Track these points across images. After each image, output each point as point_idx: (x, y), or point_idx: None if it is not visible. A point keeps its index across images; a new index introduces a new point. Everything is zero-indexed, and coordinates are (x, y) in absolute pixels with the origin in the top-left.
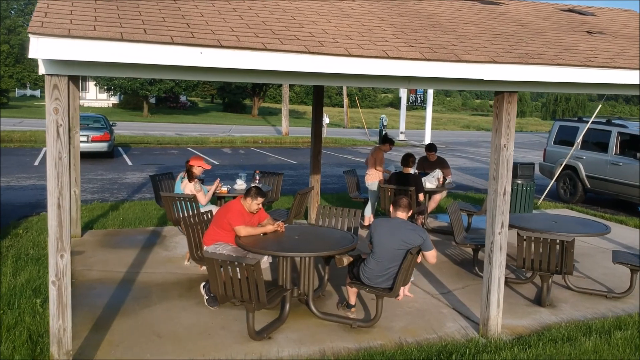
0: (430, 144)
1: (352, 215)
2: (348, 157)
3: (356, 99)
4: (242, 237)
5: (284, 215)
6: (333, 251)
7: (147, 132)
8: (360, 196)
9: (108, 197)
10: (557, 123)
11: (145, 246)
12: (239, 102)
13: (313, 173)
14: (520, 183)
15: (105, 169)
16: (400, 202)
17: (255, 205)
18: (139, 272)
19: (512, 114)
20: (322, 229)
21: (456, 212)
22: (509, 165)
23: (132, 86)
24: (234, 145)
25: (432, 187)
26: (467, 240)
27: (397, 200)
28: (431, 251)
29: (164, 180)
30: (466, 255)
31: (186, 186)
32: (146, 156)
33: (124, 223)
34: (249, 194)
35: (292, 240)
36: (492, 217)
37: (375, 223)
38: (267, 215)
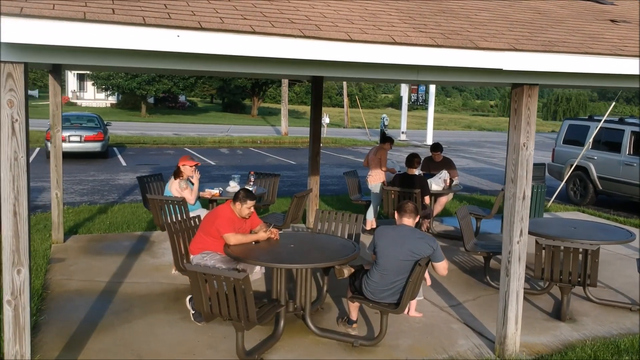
0: (436, 143)
1: (354, 220)
2: (348, 158)
3: (357, 99)
4: (231, 246)
5: (280, 220)
6: (332, 262)
7: (144, 132)
8: (361, 199)
9: (98, 199)
10: (567, 122)
11: (131, 253)
12: (239, 102)
13: (311, 174)
14: None
15: (97, 169)
16: (406, 207)
17: (245, 210)
18: (122, 282)
19: (532, 109)
20: (320, 236)
21: (466, 217)
22: (529, 167)
23: (130, 86)
24: (232, 146)
25: (438, 189)
26: (479, 247)
27: (402, 206)
28: (442, 262)
29: (152, 182)
30: (476, 262)
31: (172, 185)
32: (141, 156)
33: (111, 227)
34: (238, 197)
35: (287, 249)
36: (510, 224)
37: (379, 231)
38: (260, 221)
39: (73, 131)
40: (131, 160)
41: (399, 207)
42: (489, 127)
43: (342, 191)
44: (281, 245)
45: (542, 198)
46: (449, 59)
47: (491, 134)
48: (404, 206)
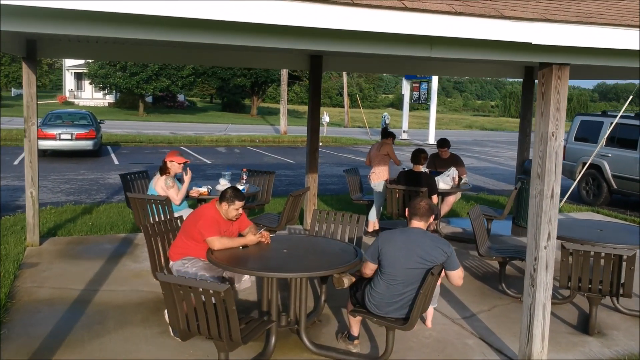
0: (443, 139)
1: (355, 221)
2: (349, 157)
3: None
4: (215, 251)
5: (274, 221)
6: (330, 270)
7: (140, 131)
8: (363, 198)
9: (84, 198)
10: (579, 118)
11: (111, 257)
12: (238, 101)
13: (309, 172)
14: None
15: (88, 168)
16: (418, 206)
17: (233, 211)
18: (98, 290)
19: (562, 93)
20: (318, 240)
21: (479, 218)
22: (558, 159)
23: (128, 85)
24: (230, 144)
25: (446, 187)
26: (493, 252)
27: (414, 205)
28: (457, 271)
29: (137, 180)
30: (489, 267)
31: (157, 182)
32: (135, 155)
33: (93, 229)
34: (225, 197)
35: (279, 254)
36: (536, 226)
37: (385, 236)
38: (249, 223)
39: (64, 129)
40: (124, 159)
41: (410, 206)
42: (491, 126)
43: (342, 190)
44: (273, 250)
45: None
46: (470, 28)
47: (493, 134)
48: (416, 206)
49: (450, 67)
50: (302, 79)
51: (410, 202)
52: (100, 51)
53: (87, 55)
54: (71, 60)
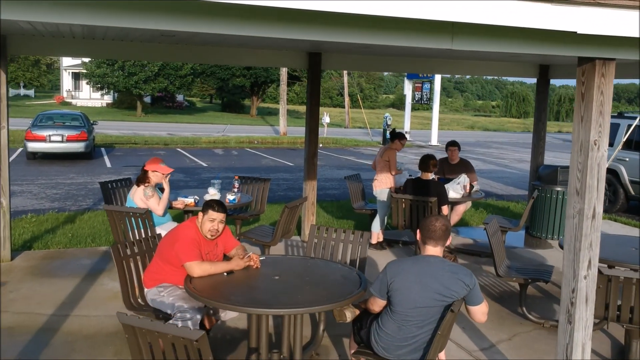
0: (453, 140)
1: (358, 239)
2: (350, 159)
3: (358, 99)
4: (195, 279)
5: (268, 234)
6: (329, 305)
7: (136, 132)
8: (365, 207)
9: (69, 205)
10: None
11: (89, 274)
12: (238, 102)
13: (307, 179)
14: (560, 190)
15: (78, 171)
16: (433, 228)
17: (206, 222)
18: (69, 315)
19: (607, 94)
20: (315, 263)
21: (497, 234)
22: (600, 173)
23: (126, 84)
24: (228, 146)
25: (456, 196)
26: (514, 272)
27: (428, 227)
28: (480, 306)
29: (120, 189)
30: (505, 286)
31: (136, 193)
32: (129, 157)
33: (73, 241)
34: (202, 208)
35: (270, 283)
36: (574, 251)
37: (394, 266)
38: (236, 243)
39: (55, 130)
40: (117, 162)
41: (423, 228)
42: (493, 127)
43: (343, 196)
44: (262, 278)
45: None
46: (500, 14)
47: (496, 134)
48: (430, 227)
49: (457, 65)
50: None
51: (423, 223)
52: (79, 47)
53: (63, 52)
54: (69, 60)
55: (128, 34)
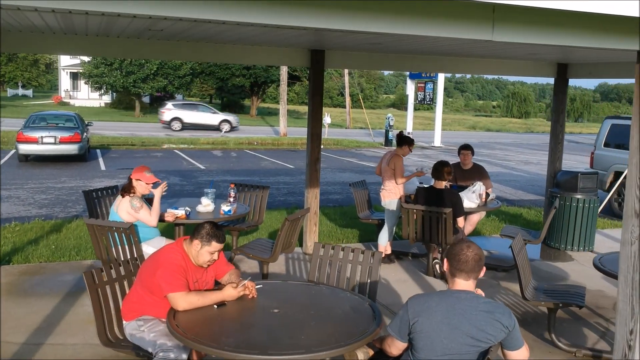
0: (466, 143)
1: (369, 260)
2: (352, 161)
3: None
4: (180, 312)
5: (267, 249)
6: (340, 349)
7: (134, 133)
8: (372, 217)
9: (58, 212)
10: (609, 121)
11: (70, 292)
12: (238, 102)
13: (310, 186)
14: (580, 198)
15: (71, 175)
16: (464, 257)
17: (206, 254)
18: (42, 344)
19: None
20: (320, 291)
21: (523, 250)
22: None
23: (124, 84)
24: (227, 147)
25: (471, 206)
26: (542, 295)
27: (458, 256)
28: (521, 350)
29: (105, 198)
30: (529, 307)
31: (120, 205)
32: (125, 159)
33: (56, 253)
34: (198, 233)
35: (268, 318)
36: (631, 284)
37: (419, 304)
38: (228, 267)
39: (47, 132)
40: (112, 164)
41: (453, 257)
42: (495, 127)
43: (346, 202)
44: (260, 311)
45: (594, 214)
46: None
47: (499, 135)
48: (461, 257)
49: (470, 64)
50: (302, 79)
51: (451, 252)
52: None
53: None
54: (67, 60)
55: (111, 28)
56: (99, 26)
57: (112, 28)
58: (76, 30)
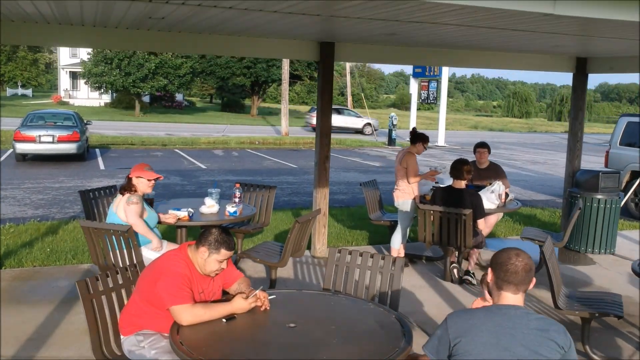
0: (482, 141)
1: (390, 266)
2: (356, 160)
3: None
4: (184, 327)
5: (275, 254)
6: None
7: (134, 132)
8: (383, 218)
9: (55, 213)
10: (625, 119)
11: (65, 299)
12: (238, 101)
13: (319, 186)
14: (601, 198)
15: (69, 174)
16: (512, 266)
17: (214, 263)
18: (34, 358)
19: None
20: (339, 302)
21: (553, 255)
22: None
23: (124, 83)
24: (228, 147)
25: (491, 207)
26: (576, 304)
27: (505, 265)
28: None
29: (103, 198)
30: (557, 315)
31: (119, 204)
32: (125, 159)
33: (51, 257)
34: (205, 239)
35: (283, 334)
36: None
37: (461, 320)
38: (238, 275)
39: (45, 130)
40: (112, 163)
41: (499, 267)
42: (497, 127)
43: (353, 202)
44: (274, 326)
45: (616, 215)
46: None
47: (502, 135)
48: (509, 267)
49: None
50: (303, 79)
51: (497, 260)
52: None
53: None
54: (66, 59)
55: (108, 17)
56: (95, 15)
57: (109, 17)
58: (71, 20)
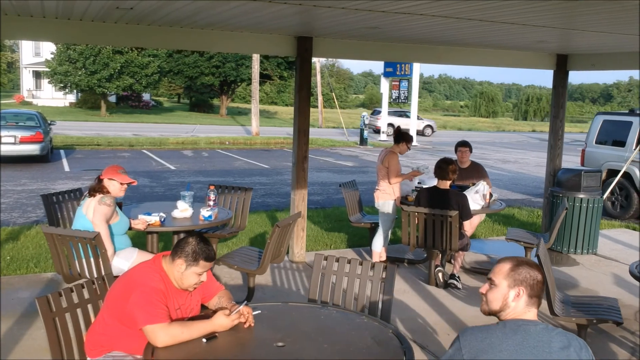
0: (463, 140)
1: (380, 274)
2: (328, 160)
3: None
4: (159, 349)
5: (254, 260)
6: None
7: (100, 133)
8: (363, 220)
9: (16, 217)
10: (600, 117)
11: (26, 313)
12: (207, 101)
13: (297, 187)
14: (584, 198)
15: (32, 177)
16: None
17: (193, 276)
18: None
19: None
20: (331, 315)
21: (547, 259)
22: None
23: (89, 83)
24: (197, 147)
25: (476, 208)
26: (572, 309)
27: (535, 279)
28: None
29: (67, 202)
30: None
31: (89, 207)
32: (90, 160)
33: (11, 265)
34: (182, 250)
35: (272, 354)
36: None
37: (476, 338)
38: (219, 288)
39: (6, 131)
40: (77, 165)
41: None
42: (466, 126)
43: (327, 203)
44: (260, 346)
45: (598, 214)
46: None
47: (471, 134)
48: (538, 279)
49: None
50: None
51: (524, 274)
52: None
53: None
54: (29, 58)
55: (72, 8)
56: (56, 5)
57: (73, 8)
58: (31, 11)
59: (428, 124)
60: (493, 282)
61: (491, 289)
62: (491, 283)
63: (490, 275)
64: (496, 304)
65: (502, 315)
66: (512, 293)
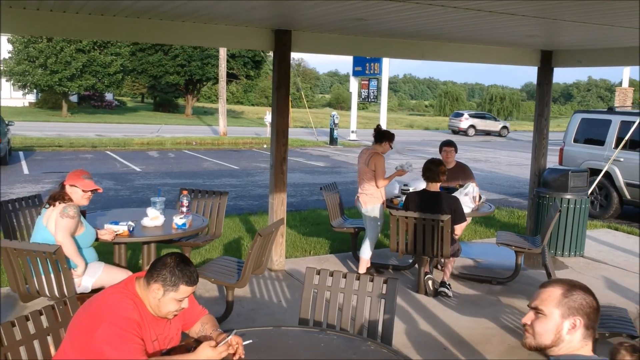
0: (448, 140)
1: (380, 290)
2: (299, 160)
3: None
4: None
5: (233, 272)
6: None
7: (61, 134)
8: (346, 225)
9: None
10: (578, 115)
11: None
12: (171, 101)
13: (276, 191)
14: (571, 198)
15: None
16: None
17: (172, 303)
18: None
19: None
20: (332, 342)
21: (552, 265)
22: None
23: (49, 82)
24: (163, 148)
25: (467, 210)
26: None
27: (594, 306)
28: None
29: (25, 210)
30: None
31: (50, 218)
32: (51, 162)
33: None
34: (158, 276)
35: None
36: None
37: None
38: (202, 313)
39: None
40: (37, 167)
41: (588, 309)
42: (432, 126)
43: (302, 205)
44: None
45: (585, 215)
46: None
47: (438, 134)
48: (597, 307)
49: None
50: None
51: (579, 301)
52: None
53: None
54: None
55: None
56: None
57: None
58: None
59: (504, 125)
60: (541, 311)
61: (538, 319)
62: (537, 312)
63: (535, 303)
64: (547, 337)
65: (553, 350)
66: (567, 324)
